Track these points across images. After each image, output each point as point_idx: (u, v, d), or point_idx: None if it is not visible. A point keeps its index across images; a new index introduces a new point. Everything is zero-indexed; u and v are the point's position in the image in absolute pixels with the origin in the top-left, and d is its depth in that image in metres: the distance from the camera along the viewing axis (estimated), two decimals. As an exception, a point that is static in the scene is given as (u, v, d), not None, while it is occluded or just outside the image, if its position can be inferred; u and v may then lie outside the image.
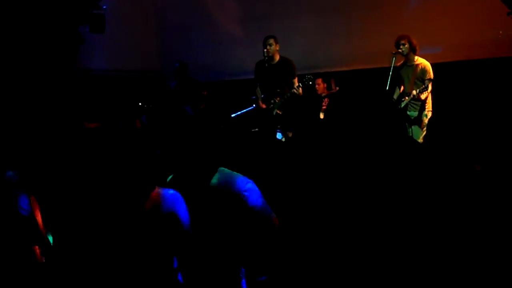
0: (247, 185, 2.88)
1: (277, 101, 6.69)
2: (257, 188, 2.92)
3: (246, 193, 2.85)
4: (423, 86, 6.33)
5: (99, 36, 8.33)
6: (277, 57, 6.74)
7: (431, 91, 6.48)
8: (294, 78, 6.65)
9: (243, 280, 2.91)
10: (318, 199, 2.90)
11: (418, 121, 6.42)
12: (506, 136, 6.22)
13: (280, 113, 6.66)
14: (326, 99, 8.04)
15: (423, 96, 6.31)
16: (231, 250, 2.87)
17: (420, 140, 6.35)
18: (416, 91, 6.33)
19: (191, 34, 9.65)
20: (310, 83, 6.61)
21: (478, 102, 6.93)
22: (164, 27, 10.13)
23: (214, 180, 2.87)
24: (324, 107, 8.01)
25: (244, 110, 7.13)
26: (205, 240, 2.84)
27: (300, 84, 6.62)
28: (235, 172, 2.94)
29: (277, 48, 6.74)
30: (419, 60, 6.52)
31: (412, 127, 6.47)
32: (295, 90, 6.55)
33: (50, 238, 3.60)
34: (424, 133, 6.43)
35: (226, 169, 2.94)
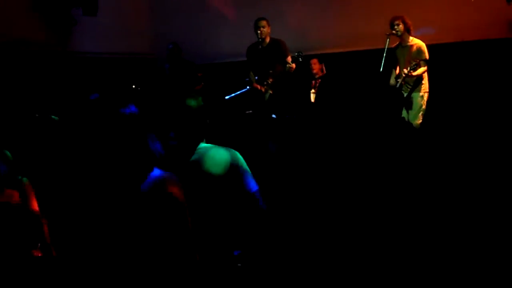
0: (239, 160, 2.95)
1: (269, 82, 6.67)
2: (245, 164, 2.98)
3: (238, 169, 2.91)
4: (415, 63, 6.30)
5: (92, 19, 8.27)
6: (267, 39, 6.74)
7: (427, 72, 6.47)
8: (287, 56, 6.61)
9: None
10: (311, 183, 2.91)
11: (409, 101, 6.40)
12: (499, 118, 6.25)
13: (272, 92, 6.64)
14: (318, 81, 8.01)
15: (414, 73, 6.28)
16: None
17: (418, 121, 6.33)
18: (407, 68, 6.30)
19: (184, 16, 9.58)
20: (300, 59, 6.56)
21: (471, 84, 6.94)
22: (158, 9, 10.05)
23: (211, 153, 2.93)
24: (315, 90, 7.96)
25: (238, 92, 7.10)
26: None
27: (290, 62, 6.56)
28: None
29: (269, 31, 6.73)
30: (414, 41, 6.51)
31: (408, 108, 6.45)
32: (288, 67, 6.51)
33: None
34: (422, 113, 6.43)
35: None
